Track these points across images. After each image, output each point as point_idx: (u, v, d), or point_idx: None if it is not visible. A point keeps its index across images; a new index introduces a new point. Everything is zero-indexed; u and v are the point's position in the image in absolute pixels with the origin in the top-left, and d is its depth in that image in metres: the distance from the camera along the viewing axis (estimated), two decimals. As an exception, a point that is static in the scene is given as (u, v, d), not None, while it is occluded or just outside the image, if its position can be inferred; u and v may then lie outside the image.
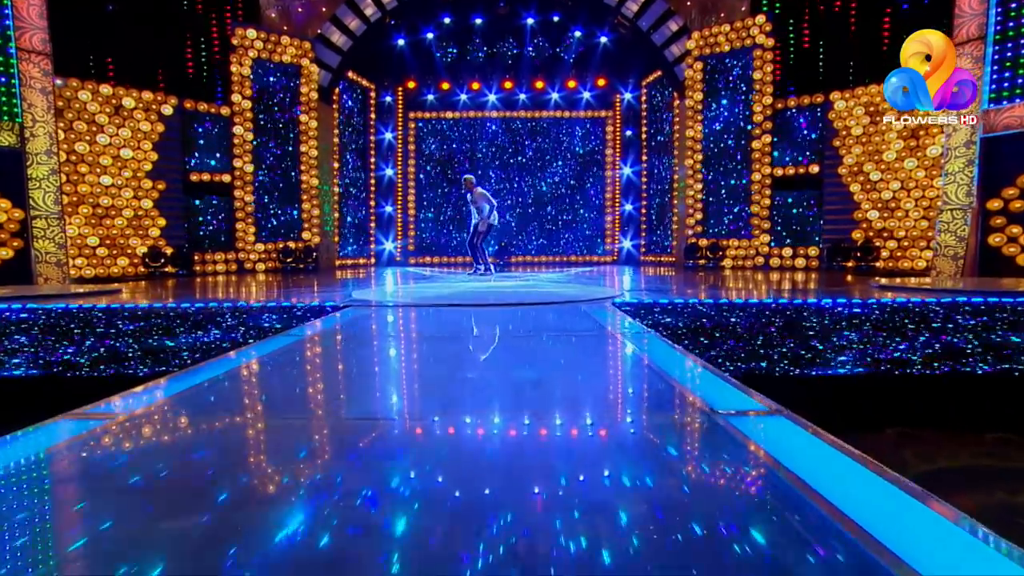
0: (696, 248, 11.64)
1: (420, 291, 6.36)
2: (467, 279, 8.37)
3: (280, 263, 11.42)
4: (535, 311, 4.31)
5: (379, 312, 4.37)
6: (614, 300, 4.79)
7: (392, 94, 14.48)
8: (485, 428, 1.57)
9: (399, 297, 5.45)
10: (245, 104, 10.87)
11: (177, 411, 1.73)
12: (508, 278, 8.46)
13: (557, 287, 6.59)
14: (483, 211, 8.71)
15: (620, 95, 14.49)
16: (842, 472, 1.21)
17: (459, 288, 6.57)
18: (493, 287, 6.67)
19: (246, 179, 11.00)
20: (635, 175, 14.67)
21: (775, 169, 10.86)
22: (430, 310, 4.44)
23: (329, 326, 3.57)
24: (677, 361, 2.43)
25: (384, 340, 3.30)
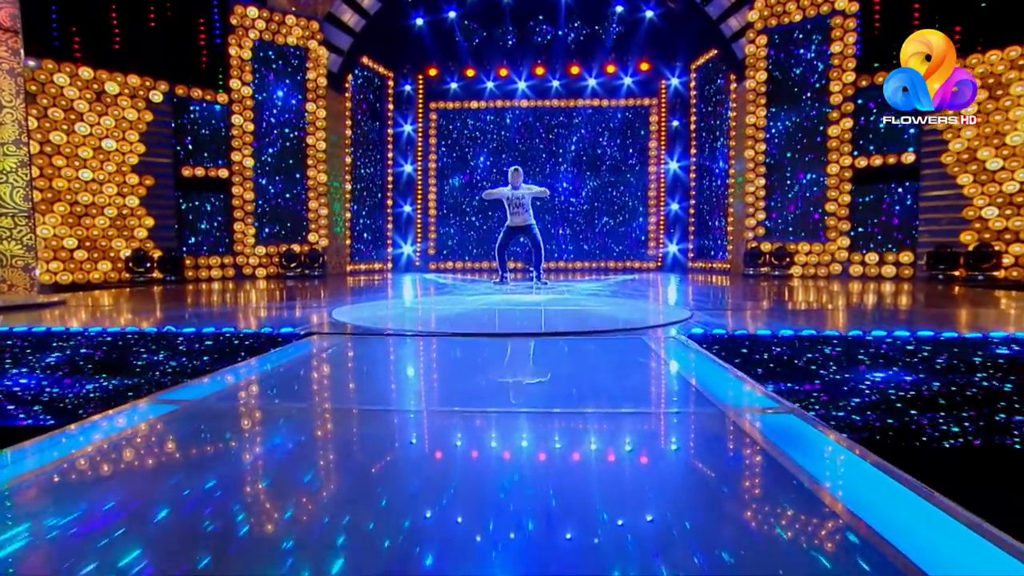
0: (758, 254, 10.13)
1: (425, 309, 5.12)
2: (489, 289, 7.12)
3: (283, 268, 10.40)
4: (576, 346, 3.02)
5: (350, 346, 3.14)
6: (688, 330, 3.46)
7: (412, 82, 13.38)
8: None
9: (391, 319, 4.23)
10: (245, 91, 9.89)
11: None
12: (539, 289, 7.17)
13: (599, 304, 5.26)
14: (529, 210, 7.21)
15: (666, 80, 13.05)
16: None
17: (477, 304, 5.32)
18: (519, 303, 5.40)
19: (246, 175, 10.02)
20: (683, 171, 13.20)
21: (856, 159, 9.28)
22: (425, 344, 3.20)
23: (260, 370, 2.37)
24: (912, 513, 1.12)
25: (315, 419, 2.06)
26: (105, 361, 2.74)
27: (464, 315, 4.34)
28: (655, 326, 3.63)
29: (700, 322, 3.84)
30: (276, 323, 4.05)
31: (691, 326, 3.58)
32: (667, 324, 3.68)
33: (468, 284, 8.38)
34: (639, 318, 4.25)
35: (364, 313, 4.47)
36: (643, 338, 3.20)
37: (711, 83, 12.16)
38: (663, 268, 13.42)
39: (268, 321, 4.18)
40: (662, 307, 5.03)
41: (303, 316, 4.32)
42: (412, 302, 5.70)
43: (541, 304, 5.17)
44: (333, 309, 4.59)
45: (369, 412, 1.82)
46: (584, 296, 6.01)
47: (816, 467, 1.31)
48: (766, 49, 10.02)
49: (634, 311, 4.73)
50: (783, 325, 3.71)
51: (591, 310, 4.67)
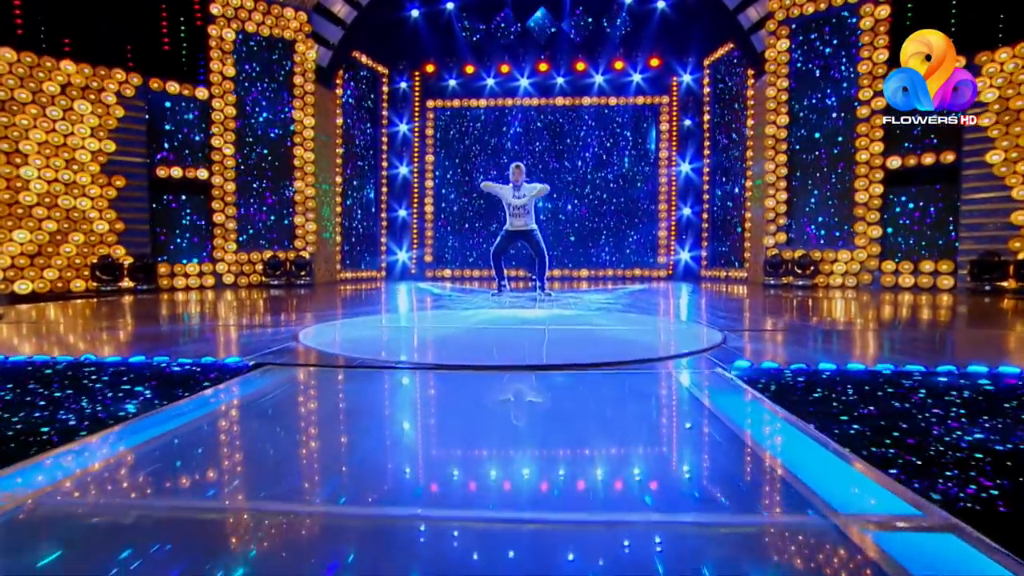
0: (779, 262, 9.46)
1: (409, 329, 4.47)
2: (487, 302, 6.47)
3: (267, 277, 9.77)
4: (588, 387, 2.37)
5: (300, 386, 2.49)
6: (729, 361, 2.79)
7: (407, 79, 12.78)
8: None
9: (363, 344, 3.55)
10: (227, 85, 9.30)
11: None
12: (542, 302, 6.51)
13: (610, 321, 4.60)
14: (531, 213, 6.55)
15: (677, 77, 12.41)
16: None
17: (470, 321, 4.66)
18: (519, 320, 4.74)
19: (227, 175, 9.41)
20: (696, 173, 12.54)
21: (888, 159, 8.61)
22: (392, 384, 2.54)
23: (162, 429, 1.72)
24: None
25: (205, 531, 1.40)
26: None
27: (452, 338, 3.69)
28: (685, 355, 2.97)
29: (736, 348, 3.17)
30: (229, 348, 3.40)
31: (730, 355, 2.91)
32: (699, 352, 3.02)
33: (465, 295, 7.73)
34: (662, 343, 3.59)
35: (336, 335, 3.82)
36: (674, 372, 2.53)
37: (727, 79, 11.53)
38: (674, 276, 12.74)
39: (221, 345, 3.53)
40: (685, 326, 4.37)
41: (267, 337, 3.67)
42: (397, 319, 5.05)
43: (544, 322, 4.51)
44: (303, 329, 3.94)
45: (284, 517, 1.17)
46: (592, 311, 5.35)
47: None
48: (788, 41, 9.38)
49: (653, 332, 4.06)
50: (844, 354, 3.04)
51: (602, 330, 4.01)
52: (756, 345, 3.29)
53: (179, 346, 3.34)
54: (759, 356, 2.88)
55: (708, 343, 3.28)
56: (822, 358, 2.74)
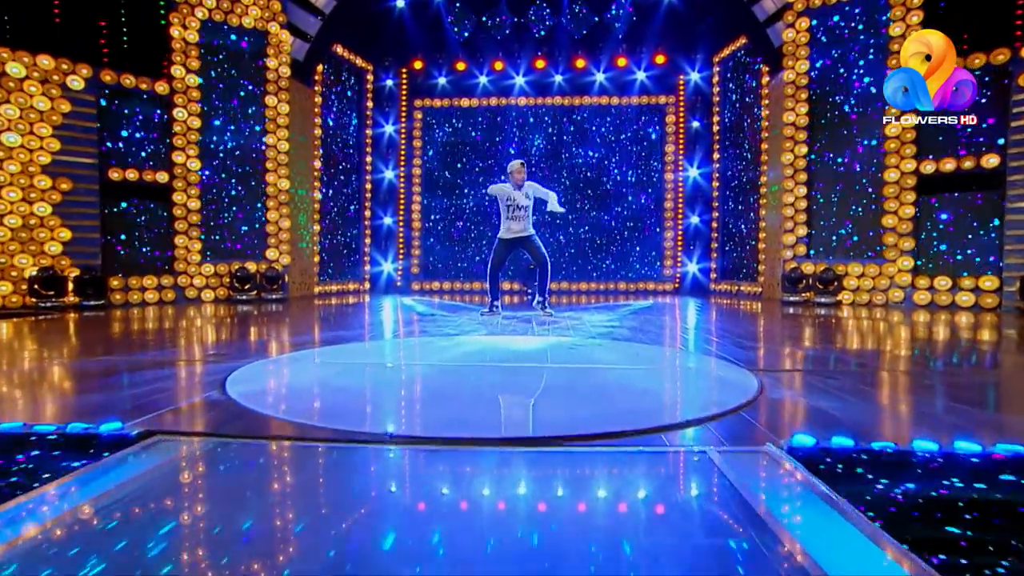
0: (799, 276, 8.76)
1: (371, 368, 3.74)
2: (475, 322, 5.75)
3: (234, 291, 9.04)
4: (591, 477, 1.65)
5: (194, 471, 1.76)
6: (780, 433, 2.07)
7: (394, 76, 12.11)
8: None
9: (303, 395, 2.79)
10: (191, 80, 8.61)
11: None
12: (540, 324, 5.80)
13: (615, 356, 3.88)
14: (530, 216, 6.02)
15: (685, 75, 11.78)
16: None
17: (450, 354, 3.94)
18: (510, 353, 4.03)
19: (190, 179, 8.70)
20: (704, 178, 11.87)
21: (921, 163, 7.95)
22: (328, 469, 1.82)
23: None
24: None
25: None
26: None
27: (420, 385, 2.97)
28: (717, 416, 2.25)
29: (781, 402, 2.46)
30: (122, 400, 2.65)
31: (776, 416, 2.19)
32: (733, 411, 2.31)
33: (452, 314, 7.01)
34: (683, 393, 2.87)
35: (271, 380, 3.09)
36: (712, 456, 1.82)
37: (738, 77, 10.89)
38: (681, 290, 12.04)
39: (117, 394, 2.79)
40: (707, 364, 3.65)
41: (189, 380, 2.94)
42: (361, 350, 4.32)
43: (536, 355, 3.79)
44: (240, 369, 3.21)
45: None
46: (594, 338, 4.64)
47: None
48: (808, 34, 8.75)
49: (670, 373, 3.35)
50: (961, 425, 2.32)
51: (607, 371, 3.30)
52: (809, 399, 2.56)
53: (57, 397, 2.61)
54: (820, 422, 2.16)
55: (742, 395, 2.57)
56: (926, 430, 2.03)
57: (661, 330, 5.37)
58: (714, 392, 2.82)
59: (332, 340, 4.57)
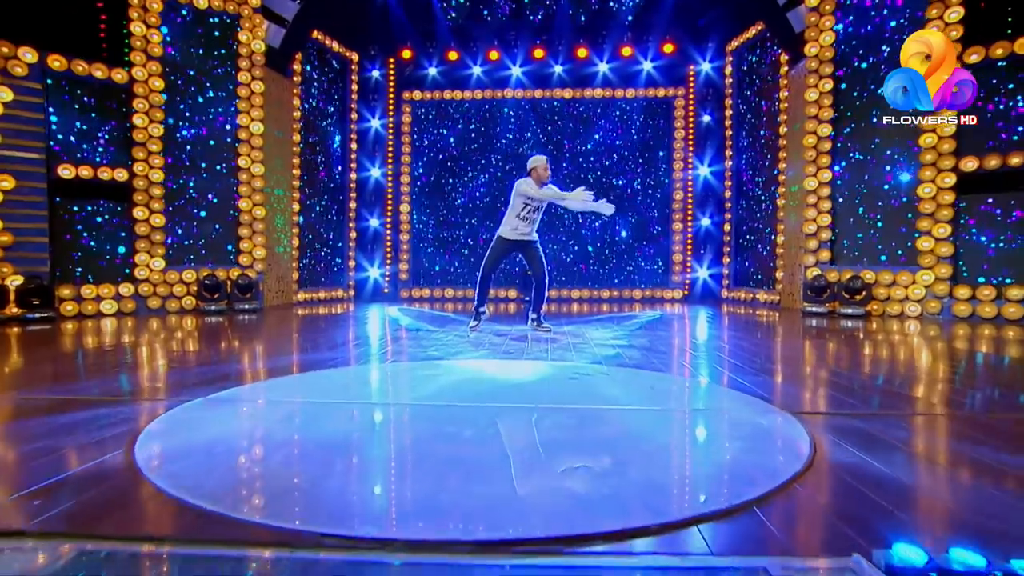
0: (822, 285, 8.12)
1: (332, 410, 3.08)
2: (463, 340, 5.10)
3: (203, 300, 8.38)
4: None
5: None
6: (860, 530, 1.44)
7: (380, 66, 11.47)
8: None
9: (219, 463, 2.10)
10: (152, 67, 7.96)
11: None
12: (530, 341, 5.15)
13: (624, 391, 3.23)
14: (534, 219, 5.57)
15: (695, 66, 11.15)
16: None
17: (426, 390, 3.29)
18: (498, 385, 3.39)
19: (153, 177, 8.04)
20: (716, 176, 11.24)
21: (962, 160, 7.33)
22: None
23: None
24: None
25: None
26: None
27: (384, 440, 2.32)
28: (764, 498, 1.62)
29: (847, 469, 1.81)
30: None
31: (847, 500, 1.56)
32: (786, 485, 1.68)
33: (439, 328, 6.36)
34: (714, 452, 2.21)
35: (200, 430, 2.43)
36: (768, 572, 1.19)
37: (754, 67, 10.26)
38: (691, 298, 11.40)
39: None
40: (737, 405, 3.00)
41: (98, 429, 2.28)
42: (328, 382, 3.66)
43: (531, 390, 3.15)
44: (169, 412, 2.56)
45: None
46: (598, 363, 3.99)
47: None
48: (833, 18, 8.13)
49: (692, 418, 2.70)
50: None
51: (617, 414, 2.66)
52: (887, 464, 1.91)
53: None
54: (918, 509, 1.51)
55: (792, 456, 1.93)
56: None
57: (674, 351, 4.72)
58: (754, 450, 2.16)
59: (300, 365, 3.91)
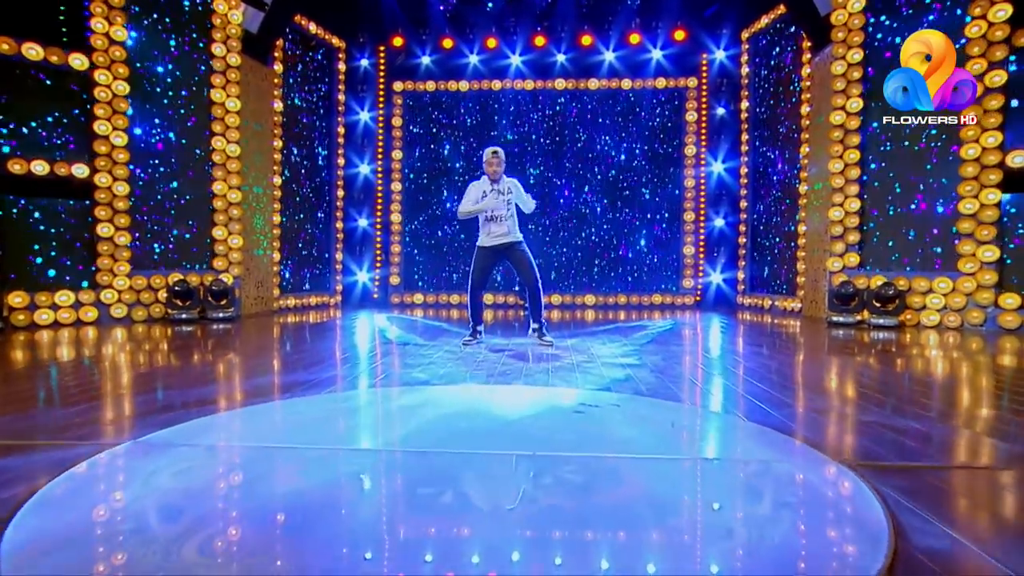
0: (852, 292, 7.63)
1: (284, 463, 2.59)
2: (456, 357, 4.63)
3: (173, 308, 7.91)
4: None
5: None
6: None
7: (370, 55, 11.01)
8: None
9: (136, 547, 1.63)
10: (116, 52, 7.49)
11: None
12: (530, 359, 4.67)
13: (639, 432, 2.74)
14: (514, 217, 5.22)
15: (708, 54, 10.68)
16: None
17: (405, 429, 2.80)
18: (488, 418, 2.91)
19: (117, 173, 7.56)
20: (731, 174, 10.78)
21: (1008, 155, 6.85)
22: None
23: None
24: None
25: None
26: None
27: (342, 511, 1.84)
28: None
29: (942, 561, 1.34)
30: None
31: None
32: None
33: (430, 342, 5.89)
34: (765, 535, 1.71)
35: (104, 501, 1.94)
36: None
37: (773, 55, 9.79)
38: (703, 304, 10.92)
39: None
40: (779, 452, 2.51)
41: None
42: (291, 416, 3.18)
43: (528, 428, 2.67)
44: (72, 470, 2.08)
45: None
46: (607, 389, 3.51)
47: None
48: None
49: (728, 477, 2.20)
50: None
51: (632, 468, 2.18)
52: (1005, 557, 1.42)
53: None
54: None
55: (870, 549, 1.45)
56: None
57: (691, 371, 4.23)
58: (815, 528, 1.67)
59: (263, 391, 3.43)
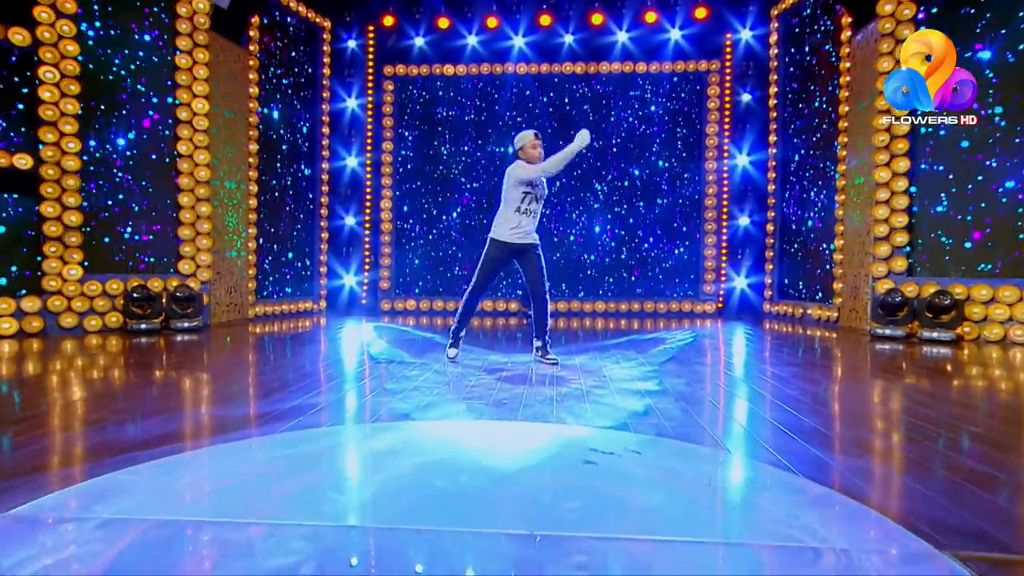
0: (897, 302, 6.99)
1: (201, 551, 1.96)
2: (444, 377, 4.01)
3: (130, 317, 7.32)
4: None
5: None
6: None
7: (358, 35, 10.43)
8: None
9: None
10: (64, 27, 6.88)
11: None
12: (531, 383, 4.04)
13: (662, 494, 2.11)
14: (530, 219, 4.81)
15: (733, 34, 10.04)
16: None
17: (374, 477, 2.19)
18: (477, 470, 2.29)
19: (67, 165, 6.96)
20: (757, 167, 10.16)
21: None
22: None
23: None
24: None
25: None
26: None
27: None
28: None
29: None
30: None
31: None
32: None
33: (420, 358, 5.26)
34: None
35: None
36: None
37: (807, 34, 9.15)
38: (726, 312, 10.28)
39: None
40: (859, 530, 1.88)
41: None
42: (237, 463, 2.56)
43: (526, 491, 2.04)
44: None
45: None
46: (626, 423, 2.89)
47: None
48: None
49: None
50: None
51: (666, 557, 1.57)
52: None
53: None
54: None
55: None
56: None
57: (727, 400, 3.59)
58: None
59: (204, 429, 2.81)
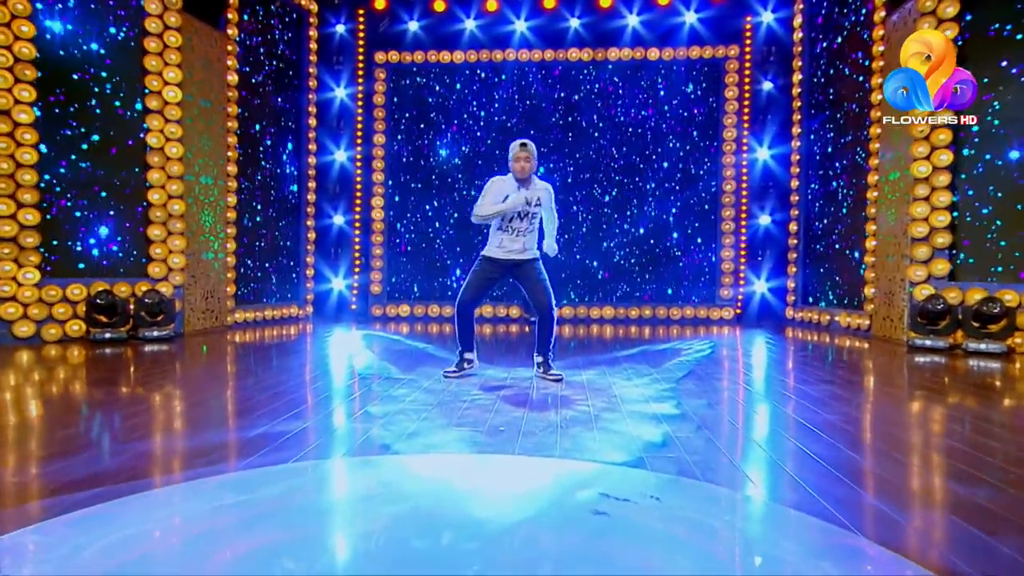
0: (942, 309, 6.52)
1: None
2: (439, 398, 3.56)
3: (94, 325, 6.90)
4: None
5: None
6: None
7: (347, 19, 10.02)
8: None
9: None
10: (18, 6, 6.43)
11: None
12: (531, 405, 3.58)
13: (690, 561, 1.67)
14: (536, 231, 4.61)
15: (753, 16, 9.61)
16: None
17: (348, 529, 1.75)
18: (467, 528, 1.85)
19: (23, 158, 6.54)
20: (779, 161, 9.72)
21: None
22: None
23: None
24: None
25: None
26: None
27: None
28: None
29: None
30: None
31: None
32: None
33: (410, 372, 4.82)
34: None
35: None
36: None
37: (836, 15, 8.69)
38: (744, 319, 9.83)
39: None
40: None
41: None
42: (166, 517, 2.11)
43: (523, 554, 1.59)
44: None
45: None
46: (641, 459, 2.43)
47: None
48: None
49: None
50: None
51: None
52: None
53: None
54: None
55: None
56: None
57: (759, 429, 3.13)
58: None
59: (151, 464, 2.35)
